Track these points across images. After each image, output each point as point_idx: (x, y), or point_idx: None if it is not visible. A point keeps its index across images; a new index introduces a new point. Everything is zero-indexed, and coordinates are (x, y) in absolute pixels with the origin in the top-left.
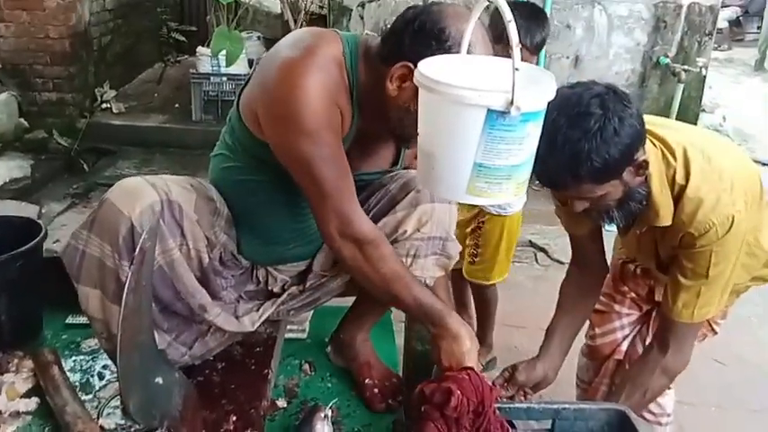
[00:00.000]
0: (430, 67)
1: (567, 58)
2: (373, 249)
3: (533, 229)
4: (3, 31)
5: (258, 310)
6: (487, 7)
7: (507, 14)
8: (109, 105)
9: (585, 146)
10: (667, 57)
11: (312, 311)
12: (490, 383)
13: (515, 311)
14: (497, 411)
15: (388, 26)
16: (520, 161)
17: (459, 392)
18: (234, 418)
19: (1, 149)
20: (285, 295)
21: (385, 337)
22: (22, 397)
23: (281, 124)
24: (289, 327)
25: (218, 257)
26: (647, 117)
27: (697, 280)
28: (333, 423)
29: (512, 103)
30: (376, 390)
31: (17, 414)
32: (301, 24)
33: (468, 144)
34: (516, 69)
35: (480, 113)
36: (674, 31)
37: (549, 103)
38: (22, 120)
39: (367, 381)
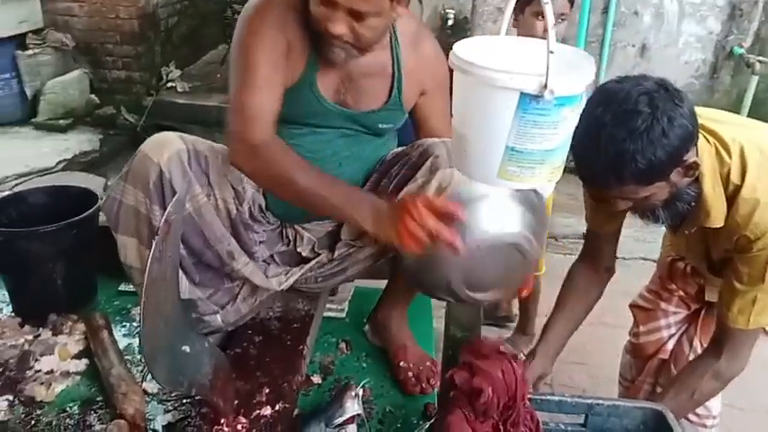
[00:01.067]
0: (464, 48)
1: (633, 46)
2: (265, 149)
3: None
4: (77, 11)
5: (287, 273)
6: None
7: None
8: (174, 84)
9: (630, 146)
10: (742, 47)
11: (353, 291)
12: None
13: None
14: (528, 403)
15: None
16: (554, 146)
17: (489, 390)
18: (267, 390)
19: (73, 123)
20: (314, 262)
21: (422, 320)
22: (73, 358)
23: (231, 49)
24: (328, 305)
25: (248, 212)
26: (701, 110)
27: (753, 285)
28: (363, 402)
29: (545, 86)
30: (410, 373)
31: (67, 374)
32: None
33: (500, 127)
34: (551, 52)
35: (513, 96)
36: (750, 20)
37: (594, 99)
38: (92, 96)
39: (402, 363)
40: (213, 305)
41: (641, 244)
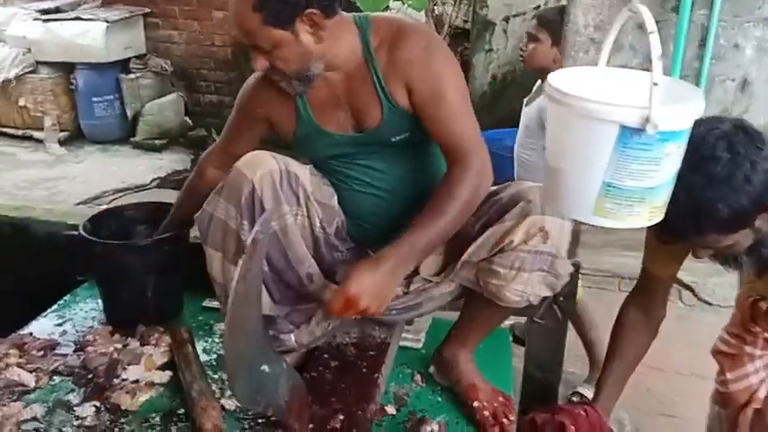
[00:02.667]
0: (560, 79)
1: (733, 80)
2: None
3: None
4: (176, 39)
5: None
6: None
7: (650, 25)
8: None
9: (710, 195)
10: None
11: (430, 321)
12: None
13: (652, 351)
14: None
15: None
16: (656, 183)
17: (573, 429)
18: (341, 417)
19: (167, 144)
20: None
21: (501, 359)
22: (157, 369)
23: None
24: (404, 335)
25: (335, 230)
26: None
27: None
28: None
29: (648, 119)
30: (486, 412)
31: (152, 384)
32: (444, 38)
33: (598, 161)
34: (655, 84)
35: (612, 129)
36: None
37: None
38: (186, 118)
39: (476, 404)
40: (289, 324)
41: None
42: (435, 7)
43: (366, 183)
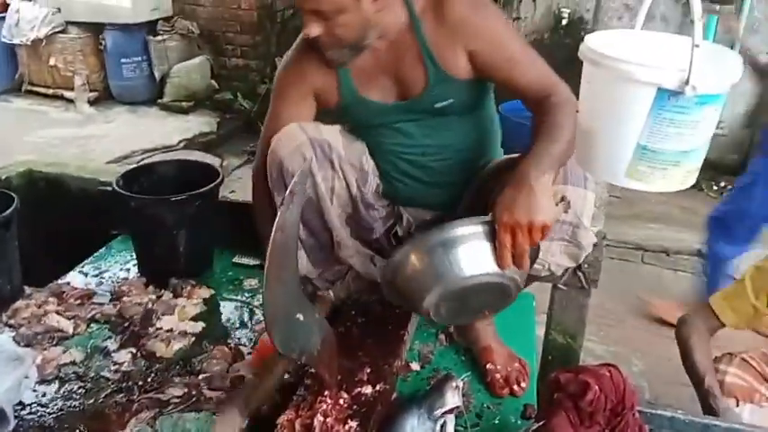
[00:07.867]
0: (596, 40)
1: None
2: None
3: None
4: (203, 1)
5: None
6: None
7: None
8: None
9: None
10: None
11: None
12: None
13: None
14: (637, 414)
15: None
16: (691, 147)
17: (597, 387)
18: (368, 370)
19: (194, 106)
20: None
21: (523, 324)
22: (190, 320)
23: None
24: None
25: (371, 189)
26: None
27: None
28: (463, 395)
29: (687, 82)
30: (497, 375)
31: (185, 334)
32: None
33: (633, 124)
34: (696, 46)
35: (649, 92)
36: None
37: None
38: (212, 81)
39: (488, 366)
40: (325, 282)
41: None
42: None
43: (401, 151)
